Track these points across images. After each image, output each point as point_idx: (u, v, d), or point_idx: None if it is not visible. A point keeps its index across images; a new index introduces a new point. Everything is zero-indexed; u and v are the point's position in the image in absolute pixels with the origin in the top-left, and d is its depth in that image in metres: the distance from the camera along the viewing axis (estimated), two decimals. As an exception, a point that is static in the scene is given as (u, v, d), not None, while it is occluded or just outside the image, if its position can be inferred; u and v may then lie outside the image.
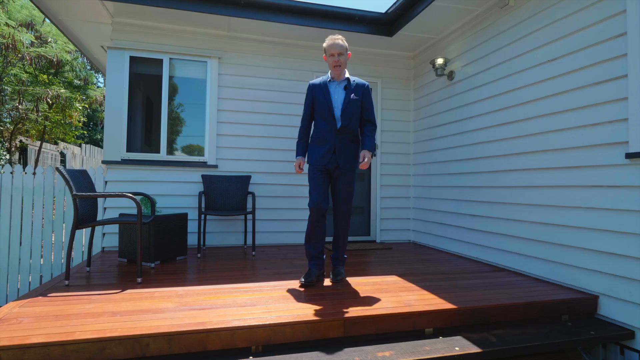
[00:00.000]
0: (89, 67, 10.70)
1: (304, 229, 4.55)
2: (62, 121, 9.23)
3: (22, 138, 8.94)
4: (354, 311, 2.18)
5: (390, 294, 2.56)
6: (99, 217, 4.06)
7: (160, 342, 1.84)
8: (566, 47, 2.84)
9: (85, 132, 14.19)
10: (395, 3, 4.01)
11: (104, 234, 4.07)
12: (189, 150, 4.41)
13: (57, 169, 2.74)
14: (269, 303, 2.32)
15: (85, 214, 2.82)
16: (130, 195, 2.74)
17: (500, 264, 3.46)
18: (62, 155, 10.34)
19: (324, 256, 2.88)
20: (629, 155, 2.36)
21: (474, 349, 2.05)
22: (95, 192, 3.03)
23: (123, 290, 2.56)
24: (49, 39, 8.09)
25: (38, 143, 9.30)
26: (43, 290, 2.54)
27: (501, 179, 3.45)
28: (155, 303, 2.28)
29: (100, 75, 11.87)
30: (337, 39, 2.70)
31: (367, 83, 2.85)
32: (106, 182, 4.12)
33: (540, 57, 3.06)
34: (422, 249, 4.45)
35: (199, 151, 4.41)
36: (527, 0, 3.21)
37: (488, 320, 2.37)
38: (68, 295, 2.43)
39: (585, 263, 2.67)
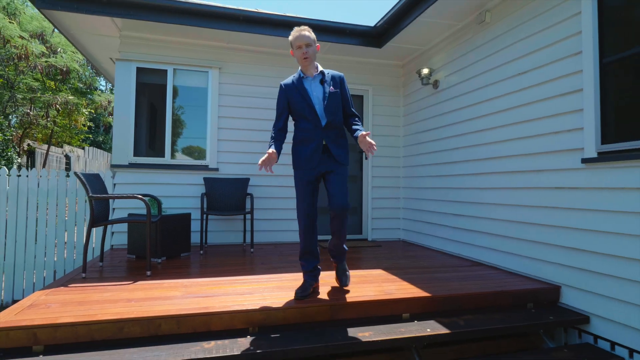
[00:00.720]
0: (92, 72, 11.00)
1: (297, 228, 4.83)
2: (68, 125, 9.56)
3: (30, 142, 9.27)
4: (339, 298, 2.48)
5: (374, 284, 2.86)
6: (110, 218, 4.36)
7: (170, 323, 2.14)
8: (534, 62, 3.14)
9: (90, 135, 14.53)
10: (383, 17, 4.32)
11: (112, 233, 4.36)
12: (191, 154, 4.71)
13: (75, 173, 3.04)
14: (264, 292, 2.62)
15: (100, 214, 3.12)
16: (140, 196, 3.04)
17: (478, 259, 3.76)
18: (67, 157, 10.66)
19: (320, 267, 2.71)
20: (584, 161, 2.67)
21: (444, 331, 2.35)
22: (107, 194, 3.33)
23: (135, 281, 2.86)
24: (59, 49, 8.44)
25: (44, 146, 9.63)
26: (63, 281, 2.84)
27: (480, 181, 3.75)
28: (164, 292, 2.58)
29: (101, 78, 12.17)
30: (303, 29, 2.47)
31: (341, 74, 2.65)
32: (115, 184, 4.42)
33: (513, 70, 3.36)
34: (410, 246, 4.75)
35: (201, 155, 4.72)
36: (501, 18, 3.51)
37: (460, 307, 2.67)
38: (86, 285, 2.73)
39: (550, 257, 2.97)
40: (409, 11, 4.02)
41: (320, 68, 2.60)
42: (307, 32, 2.48)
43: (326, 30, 4.47)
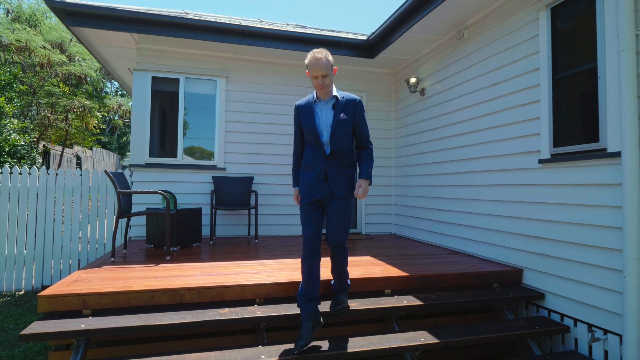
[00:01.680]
0: (102, 77, 11.50)
1: (299, 222, 5.32)
2: (81, 127, 10.10)
3: (44, 143, 9.78)
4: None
5: (362, 267, 3.33)
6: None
7: (192, 293, 2.61)
8: (503, 75, 3.61)
9: (102, 137, 15.07)
10: (374, 32, 4.79)
11: (130, 226, 4.84)
12: (201, 155, 5.18)
13: (105, 172, 3.52)
14: (269, 272, 3.09)
15: (125, 207, 3.60)
16: (161, 192, 3.52)
17: (457, 248, 4.23)
18: (78, 158, 11.17)
19: (319, 306, 2.50)
20: (540, 161, 3.13)
21: (418, 303, 2.82)
22: (130, 190, 3.81)
23: (157, 264, 3.33)
24: (77, 58, 8.95)
25: (57, 147, 10.15)
26: (96, 264, 3.32)
27: (459, 180, 4.22)
28: (184, 272, 3.05)
29: (109, 83, 12.71)
30: (321, 57, 2.30)
31: (358, 98, 2.46)
32: (132, 182, 4.89)
33: (486, 81, 3.83)
34: (400, 239, 5.22)
35: (210, 156, 5.19)
36: (477, 35, 3.98)
37: (433, 285, 3.14)
38: (116, 267, 3.21)
39: (515, 244, 3.44)
40: (397, 27, 4.49)
41: (334, 92, 2.43)
42: (324, 59, 2.30)
43: (323, 43, 4.94)
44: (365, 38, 5.06)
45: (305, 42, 4.89)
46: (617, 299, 2.54)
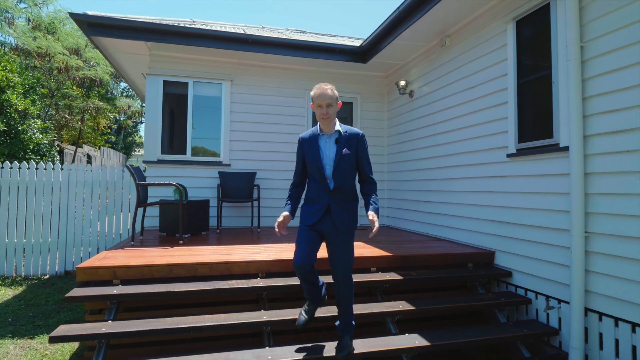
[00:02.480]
0: (112, 78, 12.00)
1: (298, 215, 5.75)
2: (93, 127, 10.62)
3: (58, 142, 10.29)
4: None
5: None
6: (141, 204, 5.30)
7: (204, 267, 3.06)
8: (479, 79, 4.04)
9: (113, 136, 15.60)
10: (366, 39, 5.23)
11: (145, 217, 5.30)
12: (208, 152, 5.64)
13: (126, 166, 3.98)
14: (269, 252, 3.53)
15: (142, 197, 4.06)
16: (175, 183, 3.97)
17: (441, 236, 4.66)
18: (88, 157, 11.68)
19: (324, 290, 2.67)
20: (508, 155, 3.57)
21: (399, 278, 3.26)
22: (147, 182, 4.27)
23: (172, 247, 3.79)
24: (92, 62, 9.47)
25: (69, 146, 10.68)
26: (119, 247, 3.78)
27: (442, 173, 4.65)
28: (196, 252, 3.51)
29: (115, 84, 13.19)
30: (327, 88, 2.37)
31: (361, 132, 2.48)
32: (146, 177, 5.35)
33: (465, 85, 4.26)
34: (391, 229, 5.66)
35: (216, 153, 5.65)
36: (457, 43, 4.41)
37: (414, 264, 3.57)
38: (137, 248, 3.66)
39: (488, 229, 3.87)
40: (386, 35, 4.92)
41: (338, 126, 2.45)
42: (330, 90, 2.37)
43: (320, 50, 5.38)
44: (358, 44, 5.50)
45: (304, 48, 5.34)
46: (566, 272, 2.97)
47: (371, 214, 2.36)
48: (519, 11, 3.50)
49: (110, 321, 2.63)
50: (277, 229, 2.38)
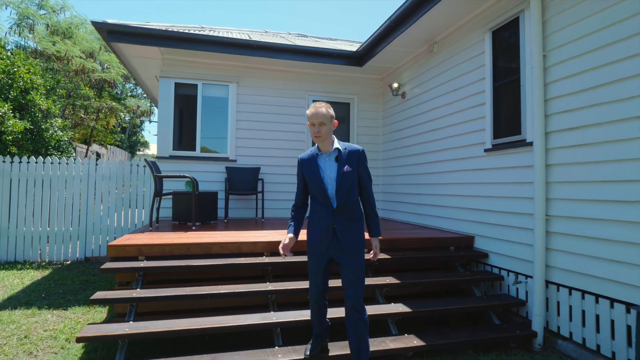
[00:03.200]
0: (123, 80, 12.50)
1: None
2: (104, 127, 11.13)
3: (71, 140, 10.82)
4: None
5: (347, 234, 4.22)
6: (154, 196, 5.76)
7: (217, 247, 3.52)
8: (461, 82, 4.49)
9: (122, 135, 16.12)
10: (362, 45, 5.69)
11: (160, 208, 5.75)
12: (215, 148, 6.10)
13: (145, 160, 4.44)
14: (273, 236, 3.98)
15: (159, 188, 4.52)
16: (189, 176, 4.43)
17: (429, 224, 5.11)
18: (98, 154, 12.14)
19: (329, 329, 2.74)
20: (485, 150, 4.02)
21: (387, 257, 3.72)
22: (163, 174, 4.73)
23: (186, 232, 4.25)
24: (106, 65, 9.97)
25: (80, 145, 11.18)
26: (140, 231, 4.24)
27: (430, 168, 5.10)
28: (208, 235, 3.96)
29: (123, 83, 13.72)
30: (320, 107, 2.32)
31: (360, 148, 2.41)
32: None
33: (450, 87, 4.71)
34: (384, 220, 6.11)
35: (223, 149, 6.11)
36: (444, 49, 4.87)
37: (401, 246, 4.02)
38: (156, 233, 4.12)
39: (468, 217, 4.32)
40: (380, 42, 5.38)
41: (336, 144, 2.38)
42: (324, 109, 2.32)
43: (320, 54, 5.84)
44: (354, 49, 5.96)
45: (304, 53, 5.80)
46: (532, 251, 3.42)
47: (373, 241, 2.43)
48: (494, 22, 3.95)
49: (138, 289, 3.09)
50: (281, 251, 2.32)
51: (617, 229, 2.74)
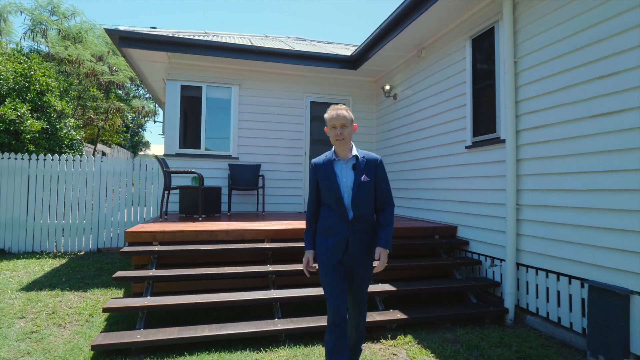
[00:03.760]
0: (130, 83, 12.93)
1: (298, 202, 6.63)
2: (111, 126, 11.57)
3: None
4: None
5: (340, 224, 4.62)
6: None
7: (222, 234, 3.92)
8: (446, 85, 4.88)
9: (128, 135, 16.56)
10: (356, 50, 6.08)
11: (168, 202, 6.15)
12: (219, 147, 6.49)
13: (156, 157, 4.83)
14: (273, 225, 4.38)
15: (168, 183, 4.91)
16: (196, 171, 4.83)
17: (418, 217, 5.50)
18: (103, 153, 12.55)
19: None
20: (466, 147, 4.41)
21: (376, 243, 4.11)
22: (171, 170, 5.12)
23: (193, 222, 4.64)
24: (115, 68, 10.41)
25: (86, 144, 11.61)
26: (151, 221, 4.63)
27: (418, 164, 5.50)
28: (214, 224, 4.36)
29: (129, 85, 14.16)
30: (341, 109, 2.23)
31: (379, 157, 2.29)
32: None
33: (436, 89, 5.11)
34: (378, 214, 6.50)
35: (226, 148, 6.50)
36: (431, 54, 5.26)
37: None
38: (166, 222, 4.52)
39: (452, 208, 4.71)
40: (372, 47, 5.77)
41: (355, 151, 2.27)
42: (345, 111, 2.22)
43: (317, 59, 6.23)
44: (350, 54, 6.35)
45: (303, 57, 6.19)
46: (504, 237, 3.81)
47: (380, 251, 2.20)
48: (474, 31, 4.35)
49: (153, 269, 3.48)
50: (306, 271, 2.29)
51: (573, 214, 3.13)
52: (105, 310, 2.96)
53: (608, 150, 2.87)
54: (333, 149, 2.29)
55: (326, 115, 2.25)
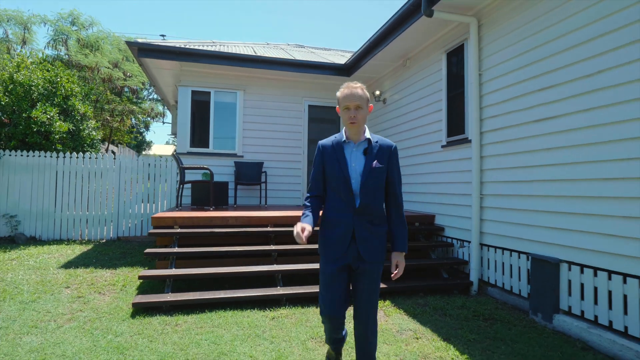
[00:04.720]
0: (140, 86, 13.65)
1: (296, 197, 7.33)
2: (122, 127, 12.31)
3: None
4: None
5: (333, 213, 5.32)
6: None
7: (232, 219, 4.61)
8: (426, 92, 5.58)
9: (139, 135, 17.29)
10: (349, 59, 6.77)
11: (182, 194, 6.84)
12: (226, 146, 7.18)
13: (172, 154, 5.53)
14: (275, 213, 5.07)
15: (182, 178, 5.61)
16: (207, 167, 5.53)
17: (406, 209, 6.19)
18: (113, 152, 13.27)
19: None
20: (442, 146, 5.11)
21: (363, 228, 4.81)
22: (185, 165, 5.82)
23: (205, 211, 5.34)
24: (129, 74, 11.14)
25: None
26: (170, 211, 5.33)
27: (404, 161, 6.19)
28: (225, 212, 5.05)
29: (140, 89, 14.93)
30: (356, 87, 2.00)
31: (393, 144, 2.09)
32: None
33: (418, 96, 5.80)
34: (369, 207, 7.19)
35: (232, 147, 7.19)
36: (414, 64, 5.96)
37: (376, 222, 5.11)
38: (182, 211, 5.21)
39: (431, 200, 5.41)
40: (364, 56, 6.46)
41: (367, 134, 2.06)
42: (360, 90, 1.99)
43: (314, 67, 6.93)
44: (343, 62, 7.05)
45: (301, 65, 6.89)
46: (470, 222, 4.50)
47: (396, 259, 2.03)
48: (449, 46, 5.04)
49: (176, 248, 4.18)
50: (296, 232, 1.86)
51: (520, 200, 3.83)
52: (140, 277, 3.66)
53: (546, 149, 3.56)
54: (343, 130, 2.10)
55: (339, 94, 2.03)
